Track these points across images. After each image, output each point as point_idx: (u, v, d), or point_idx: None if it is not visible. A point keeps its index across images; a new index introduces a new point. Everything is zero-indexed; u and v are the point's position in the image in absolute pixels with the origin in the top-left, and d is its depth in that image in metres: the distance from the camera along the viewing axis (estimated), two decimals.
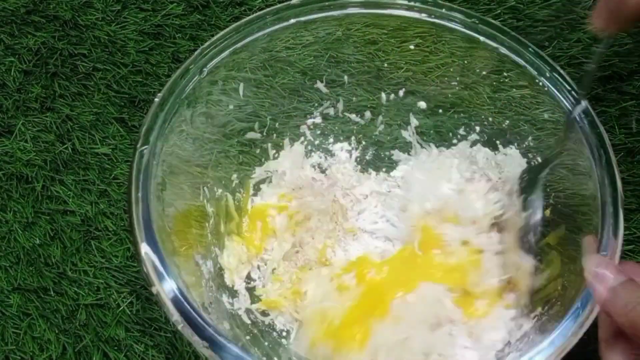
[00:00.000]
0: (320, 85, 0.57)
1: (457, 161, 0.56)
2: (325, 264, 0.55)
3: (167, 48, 0.65)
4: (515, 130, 0.54)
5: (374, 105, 0.58)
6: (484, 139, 0.57)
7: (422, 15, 0.53)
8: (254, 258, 0.54)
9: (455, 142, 0.58)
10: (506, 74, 0.53)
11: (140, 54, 0.64)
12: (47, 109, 0.62)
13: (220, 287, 0.51)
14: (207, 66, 0.51)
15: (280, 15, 0.53)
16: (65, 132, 0.61)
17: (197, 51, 0.51)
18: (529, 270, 0.49)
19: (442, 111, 0.57)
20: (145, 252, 0.42)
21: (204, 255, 0.51)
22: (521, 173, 0.52)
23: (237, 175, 0.56)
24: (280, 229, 0.55)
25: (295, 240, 0.55)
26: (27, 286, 0.54)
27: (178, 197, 0.50)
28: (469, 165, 0.56)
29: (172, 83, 0.49)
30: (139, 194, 0.44)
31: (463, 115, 0.57)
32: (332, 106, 0.59)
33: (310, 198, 0.56)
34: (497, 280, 0.50)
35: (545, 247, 0.50)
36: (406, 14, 0.53)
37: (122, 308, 0.53)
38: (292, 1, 0.53)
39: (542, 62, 0.51)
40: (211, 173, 0.54)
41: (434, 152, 0.58)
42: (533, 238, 0.49)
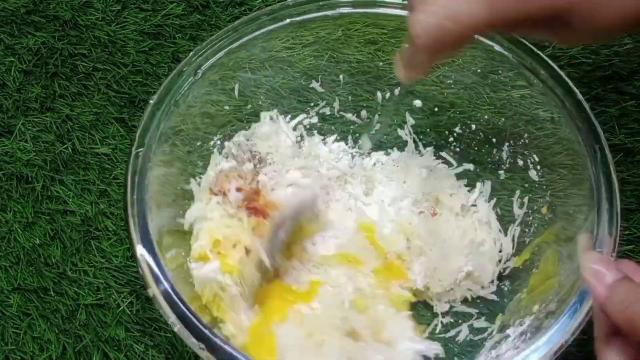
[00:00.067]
0: (315, 84, 0.57)
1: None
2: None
3: (167, 48, 0.65)
4: (514, 130, 0.54)
5: (371, 104, 0.58)
6: (480, 138, 0.56)
7: None
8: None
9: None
10: (504, 74, 0.53)
11: (140, 54, 0.64)
12: (47, 109, 0.62)
13: None
14: (202, 67, 0.51)
15: (276, 15, 0.53)
16: (65, 132, 0.61)
17: (192, 52, 0.51)
18: None
19: (437, 109, 0.57)
20: (141, 254, 0.42)
21: None
22: None
23: None
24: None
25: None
26: (27, 286, 0.55)
27: (174, 198, 0.50)
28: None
29: (167, 84, 0.49)
30: (135, 196, 0.44)
31: (460, 114, 0.57)
32: (328, 105, 0.59)
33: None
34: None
35: (542, 244, 0.50)
36: (406, 13, 0.53)
37: (122, 308, 0.53)
38: (287, 1, 0.53)
39: (542, 62, 0.50)
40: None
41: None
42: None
